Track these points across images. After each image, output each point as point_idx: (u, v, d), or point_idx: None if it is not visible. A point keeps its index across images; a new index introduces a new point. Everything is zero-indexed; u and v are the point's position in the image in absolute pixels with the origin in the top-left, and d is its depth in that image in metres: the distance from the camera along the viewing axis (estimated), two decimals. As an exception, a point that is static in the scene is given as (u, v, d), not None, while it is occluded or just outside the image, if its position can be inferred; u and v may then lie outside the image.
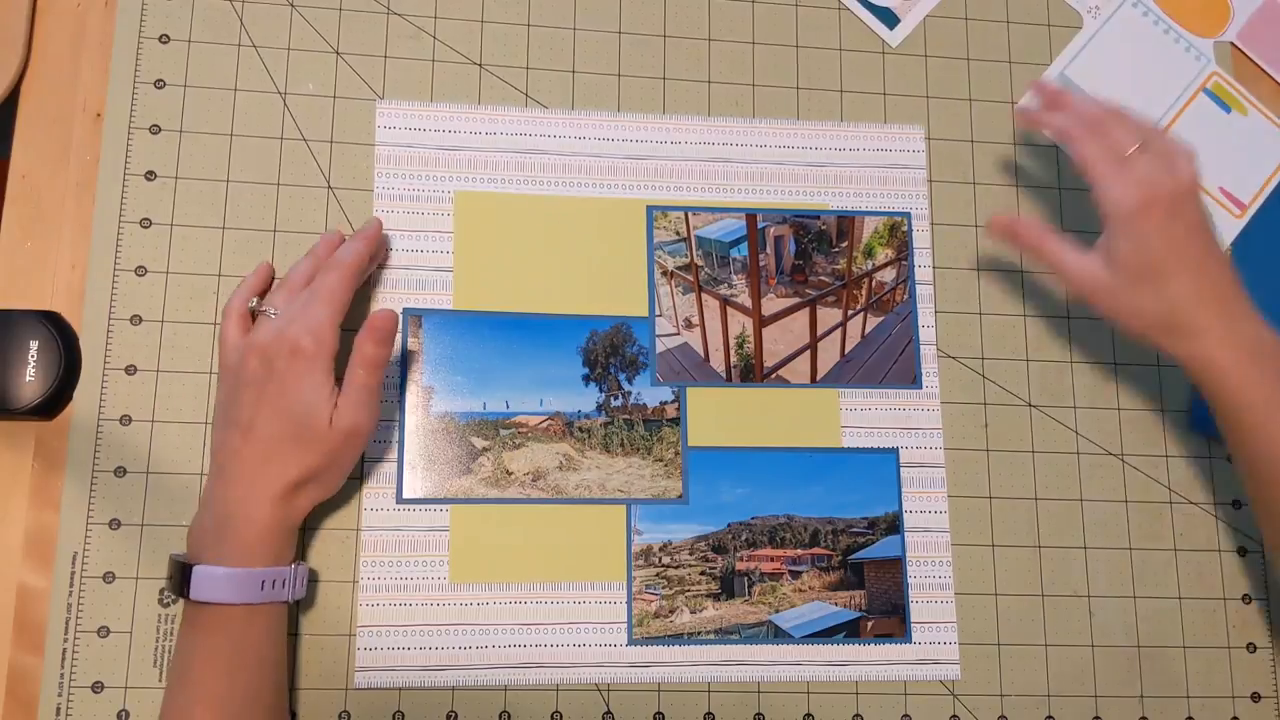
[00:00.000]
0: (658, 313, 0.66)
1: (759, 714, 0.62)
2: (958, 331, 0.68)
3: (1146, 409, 0.68)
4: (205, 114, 0.65)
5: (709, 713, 0.61)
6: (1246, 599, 0.66)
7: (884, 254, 0.68)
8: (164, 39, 0.65)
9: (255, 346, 0.56)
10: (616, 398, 0.64)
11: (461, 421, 0.63)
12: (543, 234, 0.66)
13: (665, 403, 0.65)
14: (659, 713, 0.61)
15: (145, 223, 0.63)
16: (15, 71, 0.63)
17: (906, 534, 0.64)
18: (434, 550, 0.61)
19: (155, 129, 0.64)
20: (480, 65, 0.68)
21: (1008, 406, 0.67)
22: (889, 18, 0.72)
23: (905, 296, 0.68)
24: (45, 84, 0.64)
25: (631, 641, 0.61)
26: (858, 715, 0.62)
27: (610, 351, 0.65)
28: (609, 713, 0.61)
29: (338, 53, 0.67)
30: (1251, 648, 0.66)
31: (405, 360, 0.63)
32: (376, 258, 0.62)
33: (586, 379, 0.65)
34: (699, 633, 0.62)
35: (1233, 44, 0.74)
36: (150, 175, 0.64)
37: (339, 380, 0.56)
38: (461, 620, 0.61)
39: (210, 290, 0.63)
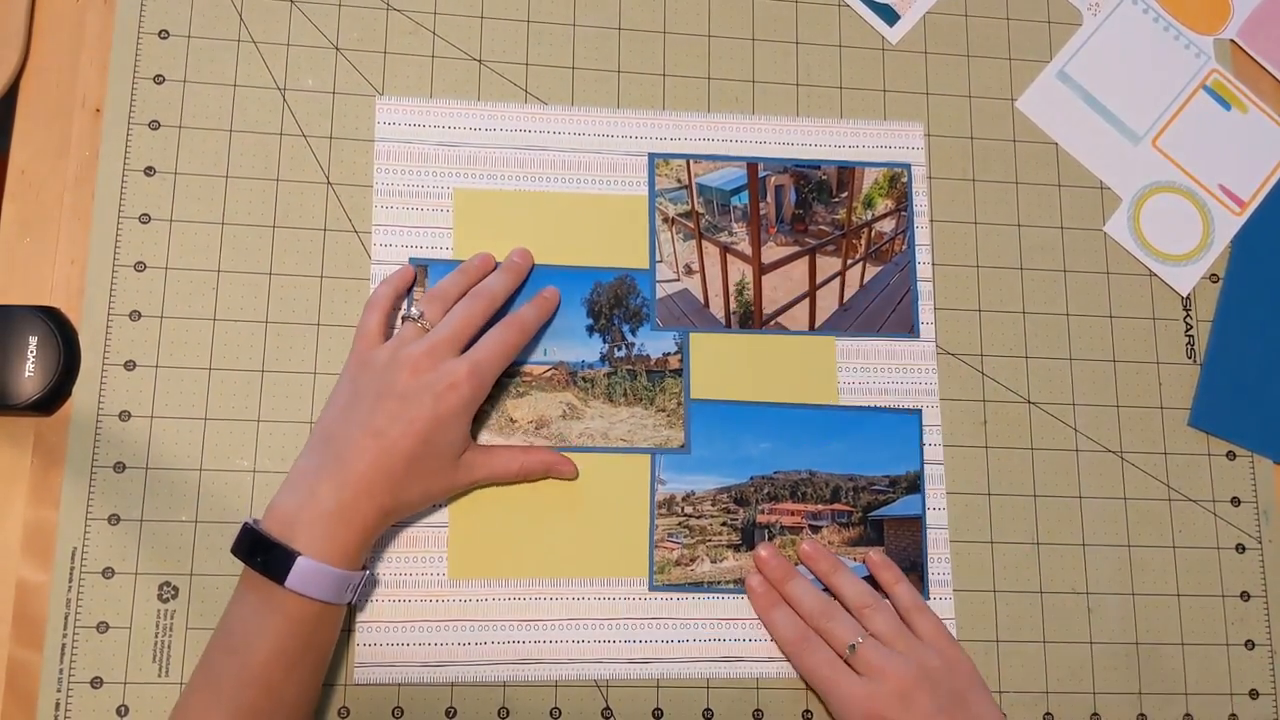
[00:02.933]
0: (658, 259, 0.66)
1: (758, 710, 0.62)
2: (957, 329, 0.68)
3: (1145, 406, 0.68)
4: (204, 109, 0.65)
5: (708, 709, 0.61)
6: (1245, 596, 0.66)
7: (884, 205, 0.69)
8: (163, 34, 0.65)
9: (412, 363, 0.56)
10: (620, 348, 0.65)
11: None
12: (543, 230, 0.66)
13: (668, 354, 0.65)
14: (658, 709, 0.61)
15: (144, 218, 0.63)
16: (14, 66, 0.63)
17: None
18: (433, 546, 0.61)
19: (154, 124, 0.64)
20: (480, 61, 0.68)
21: (1007, 404, 0.67)
22: (889, 14, 0.72)
23: (904, 247, 0.68)
24: (44, 79, 0.64)
25: (654, 588, 0.62)
26: (856, 711, 0.62)
27: (614, 303, 0.65)
28: (608, 709, 0.61)
29: (337, 49, 0.67)
30: (1250, 645, 0.66)
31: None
32: (542, 320, 0.63)
33: (590, 330, 0.65)
34: (719, 581, 0.62)
35: (1233, 41, 0.74)
36: (149, 170, 0.64)
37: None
38: (462, 617, 0.61)
39: (209, 285, 0.63)
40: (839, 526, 0.64)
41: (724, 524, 0.63)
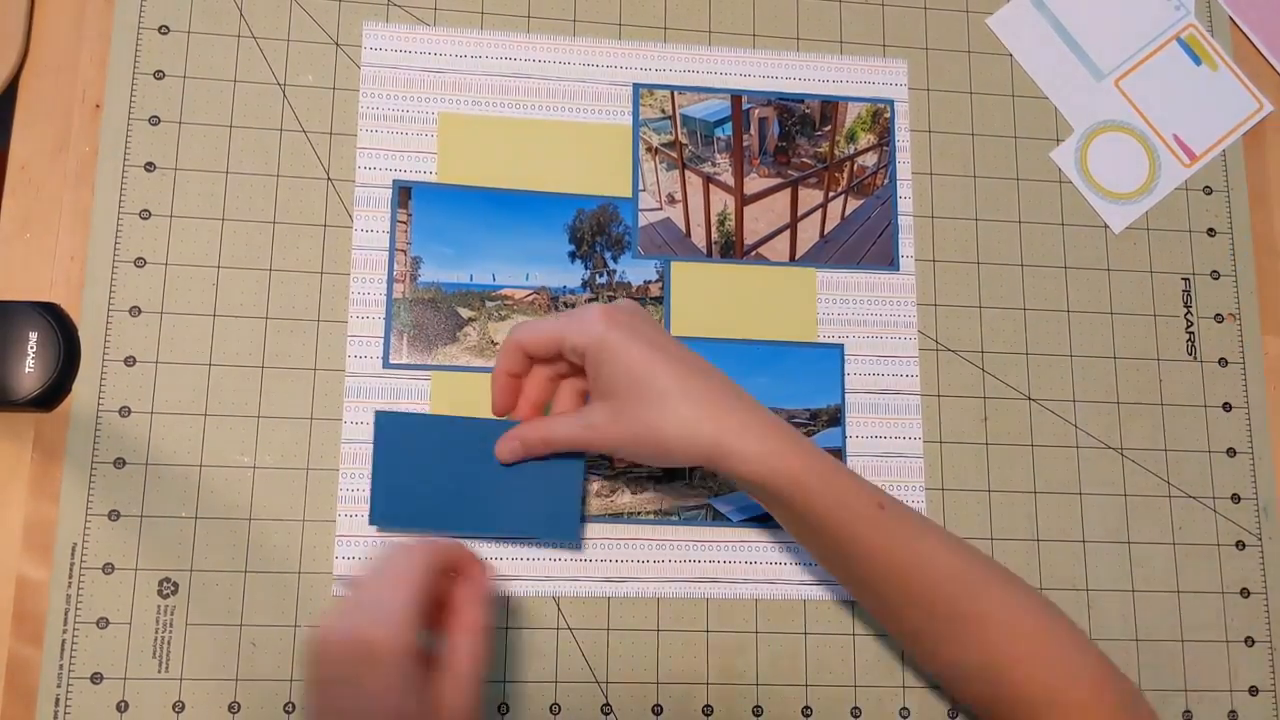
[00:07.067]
0: (641, 188, 0.67)
1: (757, 706, 0.62)
2: (957, 325, 0.68)
3: (1146, 403, 0.68)
4: (204, 105, 0.65)
5: (708, 705, 0.61)
6: (1245, 593, 0.66)
7: (866, 139, 0.70)
8: (163, 30, 0.65)
9: (317, 654, 0.45)
10: (601, 275, 0.66)
11: (448, 292, 0.64)
12: (527, 157, 0.66)
13: (649, 282, 0.66)
14: (657, 705, 0.61)
15: (144, 214, 0.63)
16: (14, 62, 0.63)
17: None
18: None
19: (154, 120, 0.64)
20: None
21: (1007, 400, 0.67)
22: None
23: (886, 181, 0.69)
24: (44, 75, 0.64)
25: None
26: (855, 708, 0.62)
27: (596, 230, 0.66)
28: (607, 704, 0.61)
29: (337, 44, 0.66)
30: (1250, 641, 0.66)
31: (393, 230, 0.64)
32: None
33: (572, 256, 0.66)
34: (639, 513, 0.63)
35: (1218, 1, 0.74)
36: (149, 166, 0.63)
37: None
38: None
39: (209, 282, 0.63)
40: None
41: None
